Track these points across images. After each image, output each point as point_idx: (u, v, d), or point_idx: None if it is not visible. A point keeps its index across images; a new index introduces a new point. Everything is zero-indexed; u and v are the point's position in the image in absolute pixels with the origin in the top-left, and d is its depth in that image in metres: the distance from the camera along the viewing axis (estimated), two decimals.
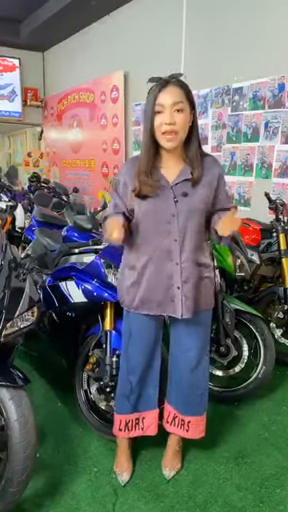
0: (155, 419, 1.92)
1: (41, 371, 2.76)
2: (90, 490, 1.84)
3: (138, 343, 1.81)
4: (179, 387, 1.87)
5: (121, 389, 1.89)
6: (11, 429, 1.53)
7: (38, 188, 5.53)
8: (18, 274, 1.78)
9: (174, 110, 1.51)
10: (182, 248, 1.64)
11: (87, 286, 2.10)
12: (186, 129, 1.56)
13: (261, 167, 3.77)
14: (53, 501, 1.78)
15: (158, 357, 1.87)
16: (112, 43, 5.71)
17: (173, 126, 1.51)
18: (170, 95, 1.51)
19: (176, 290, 1.67)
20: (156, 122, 1.53)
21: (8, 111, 7.60)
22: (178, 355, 1.84)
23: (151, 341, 1.81)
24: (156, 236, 1.64)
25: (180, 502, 1.79)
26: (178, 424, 1.90)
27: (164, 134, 1.53)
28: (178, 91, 1.52)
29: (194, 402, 1.87)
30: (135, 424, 1.89)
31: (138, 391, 1.86)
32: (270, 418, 2.35)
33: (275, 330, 2.89)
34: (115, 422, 1.91)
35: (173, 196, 1.61)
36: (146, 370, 1.84)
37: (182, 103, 1.52)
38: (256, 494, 1.83)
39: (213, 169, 1.67)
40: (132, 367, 1.83)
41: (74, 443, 2.12)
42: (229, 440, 2.17)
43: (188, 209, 1.61)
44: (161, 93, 1.51)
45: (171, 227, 1.62)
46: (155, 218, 1.63)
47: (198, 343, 1.80)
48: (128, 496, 1.82)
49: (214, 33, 4.11)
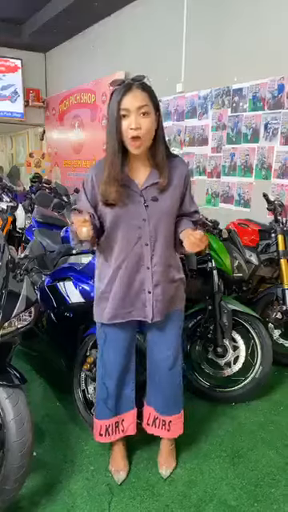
0: (134, 419, 1.94)
1: (39, 371, 2.78)
2: (86, 488, 1.86)
3: (112, 348, 1.80)
4: (159, 388, 1.88)
5: (99, 394, 1.88)
6: (8, 427, 1.55)
7: (39, 188, 5.55)
8: (16, 274, 1.80)
9: (139, 113, 1.48)
10: (153, 252, 1.65)
11: (85, 287, 2.12)
12: (152, 132, 1.54)
13: (260, 168, 3.78)
14: (49, 499, 1.80)
15: (133, 358, 1.88)
16: (113, 44, 5.73)
17: (139, 130, 1.49)
18: (135, 99, 1.47)
19: (147, 295, 1.68)
20: (123, 126, 1.50)
21: (10, 112, 7.64)
22: (156, 357, 1.85)
23: (126, 343, 1.81)
24: (127, 241, 1.63)
25: (175, 500, 1.80)
26: (159, 425, 1.92)
27: (131, 139, 1.50)
28: (143, 94, 1.49)
29: (174, 400, 1.90)
30: (115, 427, 1.90)
31: (115, 394, 1.86)
32: (267, 418, 2.36)
33: (273, 331, 2.90)
34: (95, 427, 1.91)
35: (143, 201, 1.61)
36: (122, 372, 1.84)
37: (147, 106, 1.49)
38: (251, 493, 1.85)
39: (180, 170, 1.67)
40: (108, 371, 1.83)
41: (71, 442, 2.14)
42: (225, 440, 2.18)
43: (158, 213, 1.62)
44: (125, 96, 1.48)
45: (142, 232, 1.62)
46: (126, 223, 1.61)
47: (174, 342, 1.83)
48: (124, 494, 1.83)
49: (214, 34, 4.13)
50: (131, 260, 1.65)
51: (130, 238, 1.63)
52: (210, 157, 4.33)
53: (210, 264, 2.55)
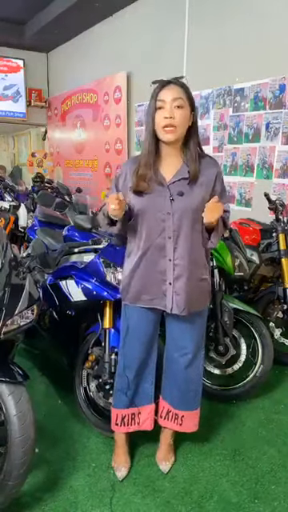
0: (151, 414, 1.96)
1: (42, 368, 2.80)
2: (88, 484, 1.88)
3: (134, 338, 1.84)
4: (174, 383, 1.90)
5: (118, 384, 1.92)
6: (10, 424, 1.56)
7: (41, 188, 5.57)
8: (18, 272, 1.82)
9: (173, 105, 1.56)
10: (176, 246, 1.68)
11: (87, 285, 2.13)
12: (185, 125, 1.61)
13: (262, 168, 3.79)
14: (52, 495, 1.81)
15: (154, 353, 1.90)
16: (115, 44, 5.74)
17: (172, 120, 1.56)
18: (171, 92, 1.57)
19: (168, 286, 1.72)
20: (157, 118, 1.59)
21: (12, 112, 7.66)
22: (173, 353, 1.87)
23: (148, 336, 1.84)
24: (150, 232, 1.68)
25: (176, 497, 1.82)
26: (172, 418, 1.93)
27: (164, 127, 1.58)
28: (179, 89, 1.59)
29: (189, 397, 1.91)
30: (131, 419, 1.93)
31: (134, 386, 1.89)
32: (268, 417, 2.37)
33: (274, 330, 2.91)
34: (112, 416, 1.95)
35: (169, 194, 1.65)
36: (142, 365, 1.88)
37: (182, 100, 1.58)
38: (251, 490, 1.86)
39: (211, 169, 1.69)
40: (128, 362, 1.87)
41: (73, 439, 2.16)
42: (226, 437, 2.20)
43: (183, 208, 1.65)
44: (162, 90, 1.58)
45: (166, 225, 1.66)
46: (151, 214, 1.67)
47: (193, 342, 1.84)
48: (125, 491, 1.85)
49: (215, 34, 4.14)
50: (154, 250, 1.70)
51: (153, 230, 1.68)
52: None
53: (211, 263, 2.55)
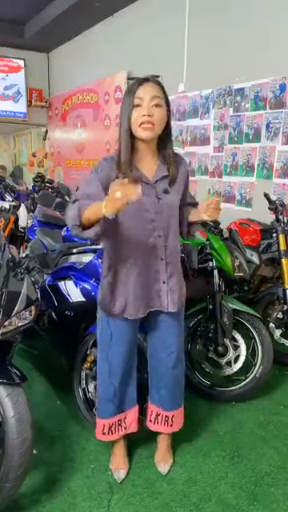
0: (135, 416, 1.95)
1: (40, 369, 2.79)
2: (86, 486, 1.87)
3: (119, 346, 1.80)
4: (163, 384, 1.89)
5: (103, 393, 1.87)
6: (8, 425, 1.56)
7: (42, 188, 5.56)
8: (16, 273, 1.81)
9: (152, 104, 1.54)
10: (166, 244, 1.69)
11: (85, 286, 2.13)
12: (162, 124, 1.60)
13: (262, 168, 3.78)
14: (50, 497, 1.80)
15: (135, 356, 1.89)
16: (115, 44, 5.74)
17: (150, 117, 1.54)
18: (149, 89, 1.55)
19: (162, 285, 1.71)
20: (133, 115, 1.55)
21: (13, 111, 7.67)
22: (159, 354, 1.85)
23: (132, 341, 1.83)
24: (141, 234, 1.65)
25: (175, 499, 1.81)
26: (162, 421, 1.93)
27: (141, 125, 1.55)
28: (157, 88, 1.57)
29: (177, 396, 1.93)
30: (118, 425, 1.90)
31: (120, 393, 1.86)
32: (267, 418, 2.36)
33: (274, 331, 2.90)
34: (98, 426, 1.91)
35: (155, 193, 1.64)
36: (127, 370, 1.85)
37: (160, 99, 1.56)
38: (250, 492, 1.85)
39: (182, 167, 1.74)
40: (113, 369, 1.82)
41: (71, 440, 2.15)
42: (225, 439, 2.19)
43: (170, 205, 1.67)
44: (140, 87, 1.55)
45: (155, 224, 1.65)
46: (139, 215, 1.63)
47: (178, 339, 1.85)
48: (123, 493, 1.84)
49: (215, 34, 4.13)
50: (146, 252, 1.68)
51: (143, 230, 1.65)
52: (212, 156, 4.33)
53: (210, 263, 2.55)
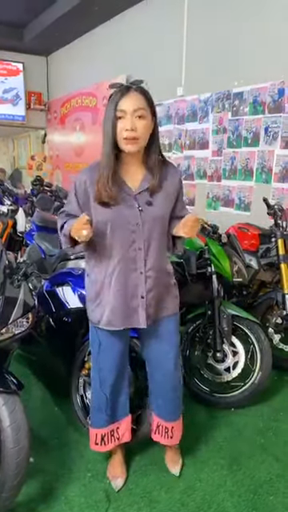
0: (129, 426, 1.93)
1: (38, 375, 2.77)
2: (83, 495, 1.85)
3: (108, 355, 1.78)
4: (162, 392, 1.87)
5: (95, 402, 1.86)
6: (4, 434, 1.54)
7: (40, 191, 5.54)
8: (13, 280, 1.80)
9: (135, 116, 1.51)
10: (147, 257, 1.65)
11: (83, 292, 2.11)
12: (146, 135, 1.57)
13: (261, 172, 3.77)
14: (46, 506, 1.79)
15: (127, 365, 1.87)
16: (114, 48, 5.74)
17: (134, 132, 1.51)
18: (132, 101, 1.50)
19: (140, 300, 1.67)
20: (118, 127, 1.52)
21: (12, 115, 7.67)
22: (158, 361, 1.83)
23: (121, 350, 1.80)
24: (120, 245, 1.62)
25: (173, 508, 1.79)
26: (162, 432, 1.91)
27: (125, 139, 1.52)
28: (140, 98, 1.52)
29: (176, 405, 1.90)
30: (111, 436, 1.88)
31: (112, 402, 1.84)
32: (266, 424, 2.35)
33: (273, 336, 2.88)
34: (91, 436, 1.90)
35: (137, 205, 1.61)
36: (118, 378, 1.82)
37: (144, 110, 1.52)
38: (249, 500, 1.83)
39: (173, 177, 1.70)
40: (104, 378, 1.80)
41: (68, 448, 2.13)
42: (224, 446, 2.17)
43: (152, 217, 1.62)
44: (122, 98, 1.50)
45: (136, 236, 1.62)
46: (120, 227, 1.60)
47: (174, 347, 1.83)
48: (121, 502, 1.82)
49: (214, 38, 4.13)
50: (125, 264, 1.64)
51: (123, 242, 1.62)
52: (211, 160, 4.32)
53: (209, 269, 2.54)
